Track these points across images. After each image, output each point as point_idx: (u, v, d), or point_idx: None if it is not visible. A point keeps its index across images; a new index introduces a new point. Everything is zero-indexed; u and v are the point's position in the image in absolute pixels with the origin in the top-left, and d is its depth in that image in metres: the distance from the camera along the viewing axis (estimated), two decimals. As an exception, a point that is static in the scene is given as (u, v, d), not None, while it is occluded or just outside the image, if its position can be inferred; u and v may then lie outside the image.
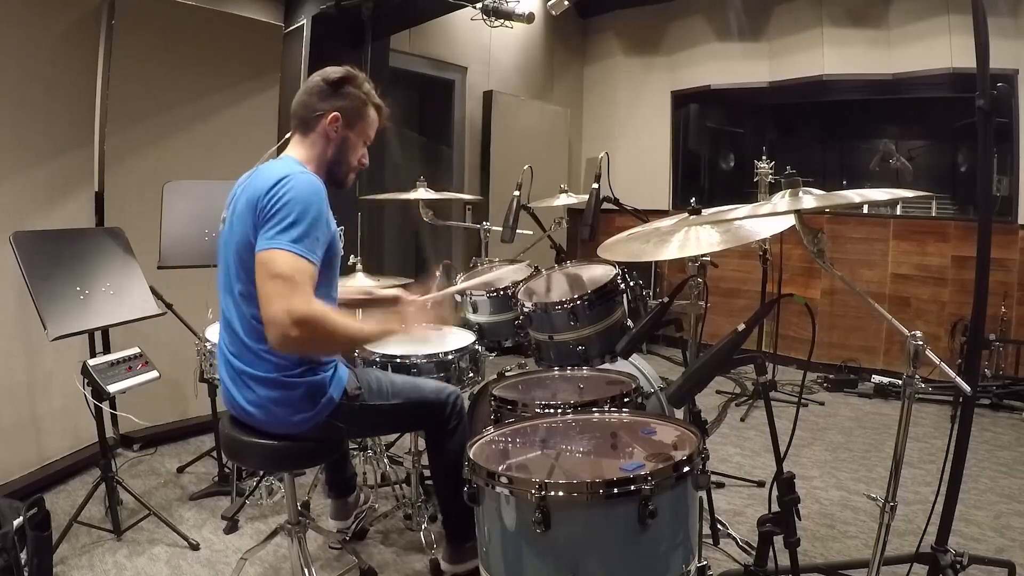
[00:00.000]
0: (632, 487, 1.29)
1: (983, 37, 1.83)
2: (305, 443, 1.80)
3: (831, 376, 4.69)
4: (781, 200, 1.49)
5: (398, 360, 2.35)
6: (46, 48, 2.99)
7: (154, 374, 2.61)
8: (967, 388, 1.48)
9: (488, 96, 5.43)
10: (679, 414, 2.14)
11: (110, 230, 2.81)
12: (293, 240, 1.57)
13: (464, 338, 2.55)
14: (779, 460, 1.62)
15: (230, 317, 1.77)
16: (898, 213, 5.04)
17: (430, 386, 2.06)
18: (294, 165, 1.74)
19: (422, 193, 2.93)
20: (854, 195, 1.52)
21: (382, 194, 3.23)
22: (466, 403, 2.16)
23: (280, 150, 1.91)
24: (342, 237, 1.99)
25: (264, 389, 1.73)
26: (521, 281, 2.47)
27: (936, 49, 4.61)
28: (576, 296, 2.16)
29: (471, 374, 2.46)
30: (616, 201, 2.40)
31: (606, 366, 2.20)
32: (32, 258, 2.38)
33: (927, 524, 1.91)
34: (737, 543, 2.47)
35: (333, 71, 1.84)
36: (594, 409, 1.78)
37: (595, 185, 2.22)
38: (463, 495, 1.43)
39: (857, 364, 4.76)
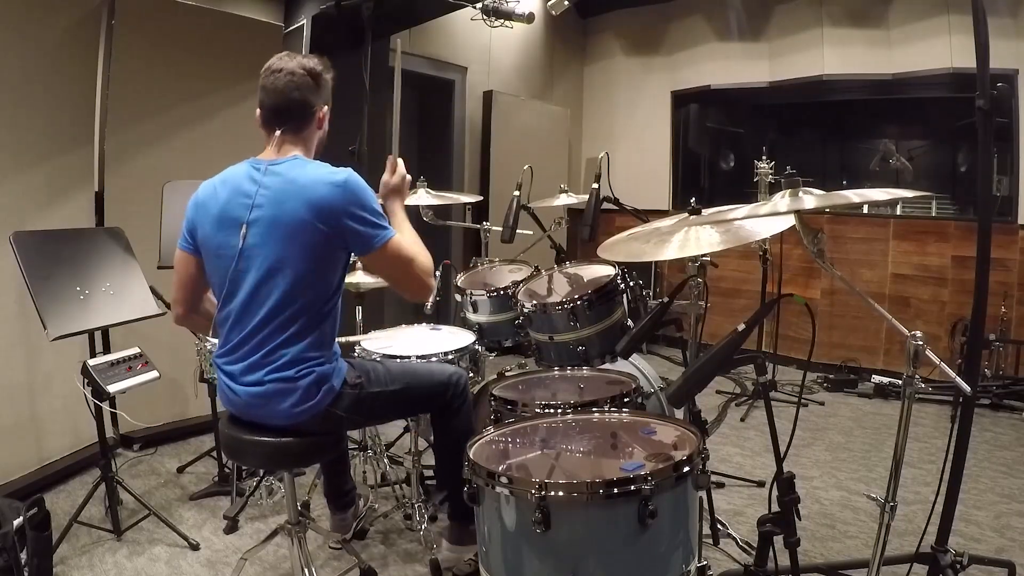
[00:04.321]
0: (632, 487, 1.29)
1: (983, 37, 1.83)
2: (305, 439, 1.79)
3: (831, 376, 4.68)
4: (781, 200, 1.49)
5: (398, 360, 2.35)
6: (46, 48, 2.99)
7: (154, 374, 2.61)
8: (967, 388, 1.48)
9: (488, 96, 5.43)
10: (679, 414, 2.14)
11: (110, 230, 2.81)
12: (387, 224, 1.76)
13: (464, 338, 2.55)
14: (779, 460, 1.62)
15: (247, 320, 1.75)
16: (898, 213, 5.03)
17: (431, 368, 2.09)
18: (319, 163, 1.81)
19: (423, 196, 2.93)
20: (853, 195, 1.52)
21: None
22: (468, 381, 2.16)
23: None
24: None
25: (269, 381, 1.72)
26: (521, 281, 2.47)
27: (936, 49, 4.61)
28: (576, 296, 2.16)
29: (471, 374, 2.46)
30: (616, 201, 2.40)
31: (606, 366, 2.20)
32: (32, 258, 2.38)
33: (927, 524, 1.91)
34: (737, 543, 2.47)
35: (313, 63, 1.82)
36: (594, 409, 1.78)
37: (595, 185, 2.22)
38: (464, 495, 1.43)
39: (857, 364, 4.76)
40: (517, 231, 2.65)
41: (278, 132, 1.80)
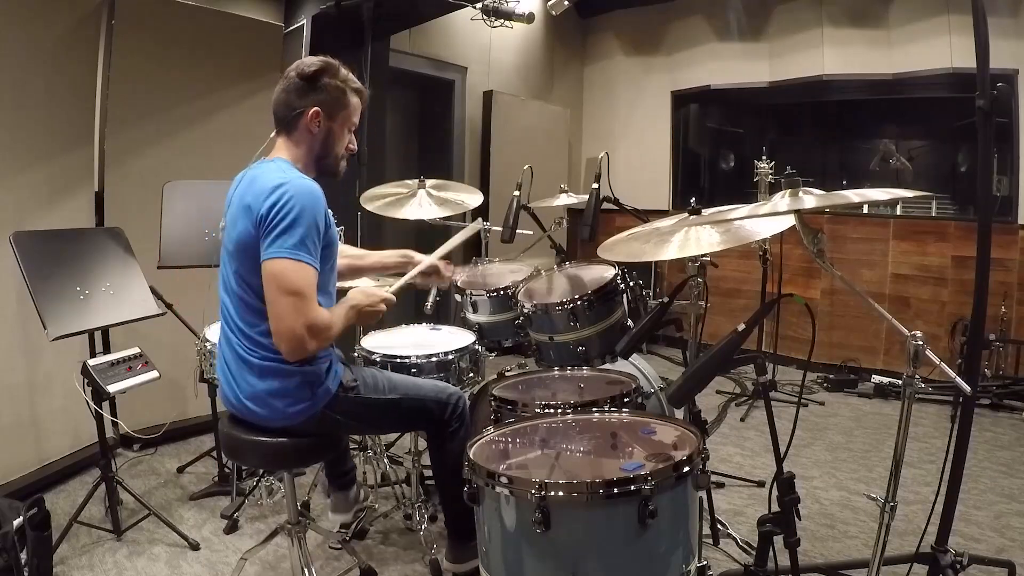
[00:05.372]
0: (632, 487, 1.29)
1: (983, 37, 1.83)
2: (304, 439, 1.80)
3: (831, 376, 4.69)
4: (781, 200, 1.49)
5: (398, 360, 2.35)
6: (46, 48, 2.99)
7: (154, 374, 2.61)
8: (967, 388, 1.48)
9: (488, 96, 5.43)
10: (679, 414, 2.14)
11: (110, 230, 2.81)
12: (296, 247, 1.62)
13: (464, 338, 2.55)
14: (779, 460, 1.62)
15: (229, 312, 1.78)
16: (898, 213, 5.04)
17: (431, 386, 2.05)
18: (288, 168, 1.74)
19: (424, 199, 2.95)
20: (854, 195, 1.52)
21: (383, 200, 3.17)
22: (468, 404, 2.15)
23: (267, 150, 1.90)
24: (342, 237, 1.98)
25: (262, 381, 1.73)
26: (521, 281, 2.47)
27: (936, 49, 4.61)
28: (576, 296, 2.16)
29: (471, 374, 2.46)
30: (616, 201, 2.40)
31: (606, 366, 2.20)
32: (32, 258, 2.39)
33: (927, 524, 1.91)
34: (737, 543, 2.47)
35: (308, 64, 1.79)
36: (594, 409, 1.78)
37: (595, 185, 2.22)
38: (464, 495, 1.43)
39: (857, 364, 4.76)
40: (517, 231, 2.65)
41: (273, 134, 1.83)
